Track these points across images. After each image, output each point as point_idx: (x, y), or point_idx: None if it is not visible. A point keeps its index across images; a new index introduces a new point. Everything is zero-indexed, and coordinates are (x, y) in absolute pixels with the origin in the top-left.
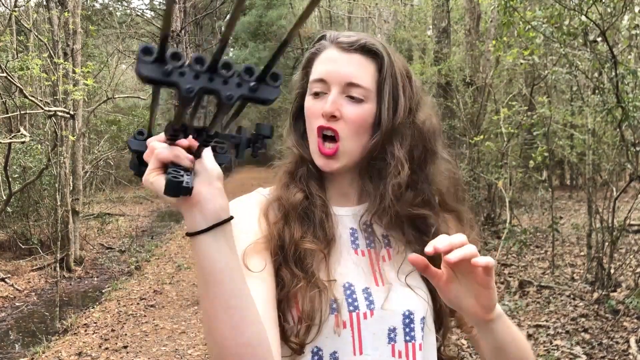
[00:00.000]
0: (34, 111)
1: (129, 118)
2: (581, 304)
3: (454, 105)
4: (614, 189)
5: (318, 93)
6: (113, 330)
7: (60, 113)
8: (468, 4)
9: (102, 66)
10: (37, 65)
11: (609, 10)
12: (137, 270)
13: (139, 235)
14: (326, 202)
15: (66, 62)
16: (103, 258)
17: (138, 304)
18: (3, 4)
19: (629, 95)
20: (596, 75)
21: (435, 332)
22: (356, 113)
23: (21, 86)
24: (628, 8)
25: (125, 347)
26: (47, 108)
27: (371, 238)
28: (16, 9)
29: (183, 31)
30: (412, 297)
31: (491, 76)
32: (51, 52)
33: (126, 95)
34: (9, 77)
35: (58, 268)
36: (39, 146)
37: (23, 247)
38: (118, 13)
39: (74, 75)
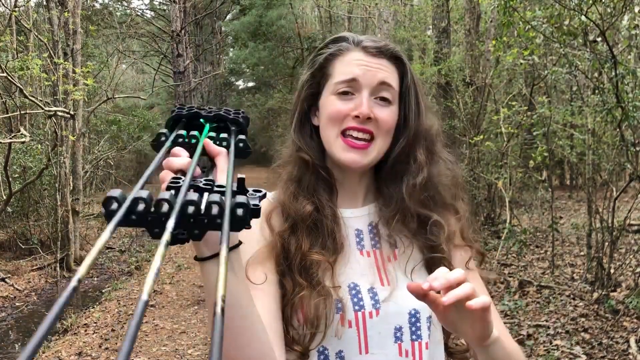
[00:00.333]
0: (34, 111)
1: (129, 118)
2: (581, 304)
3: (454, 105)
4: (614, 189)
5: (347, 92)
6: (113, 330)
7: (60, 113)
8: (468, 4)
9: (102, 66)
10: (37, 65)
11: (609, 10)
12: (137, 270)
13: (139, 235)
14: (336, 211)
15: (66, 62)
16: (103, 258)
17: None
18: (3, 4)
19: (629, 95)
20: (596, 75)
21: (441, 330)
22: (387, 115)
23: (21, 86)
24: (628, 8)
25: None
26: (47, 108)
27: (376, 239)
28: (16, 9)
29: (183, 31)
30: None
31: (491, 76)
32: (51, 52)
33: (126, 95)
34: (9, 77)
35: (58, 268)
36: (39, 146)
37: (23, 247)
38: (118, 13)
39: (74, 75)
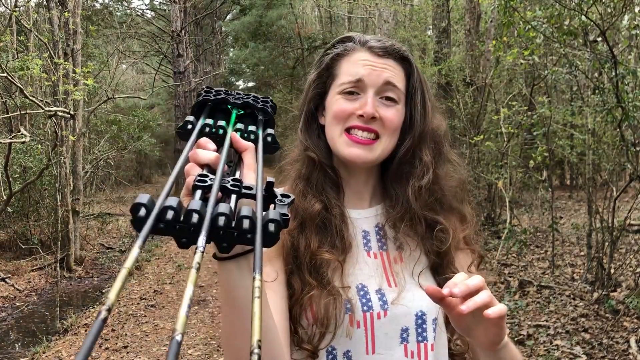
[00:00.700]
0: (34, 111)
1: (129, 118)
2: (581, 304)
3: (454, 105)
4: (614, 189)
5: (352, 92)
6: (113, 330)
7: (60, 113)
8: (468, 4)
9: (102, 66)
10: (38, 65)
11: (609, 10)
12: (138, 270)
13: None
14: (344, 211)
15: (66, 62)
16: (103, 258)
17: (138, 304)
18: (3, 4)
19: (629, 95)
20: (596, 75)
21: (446, 332)
22: (393, 114)
23: (21, 86)
24: (628, 8)
25: (125, 347)
26: (48, 108)
27: (383, 240)
28: (16, 9)
29: (183, 31)
30: (425, 298)
31: (491, 76)
32: (51, 52)
33: (126, 95)
34: (10, 77)
35: (58, 268)
36: (39, 146)
37: (23, 247)
38: (118, 13)
39: (74, 75)
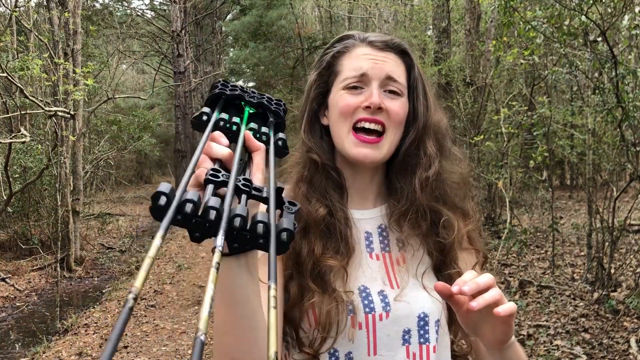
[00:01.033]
0: (35, 111)
1: (130, 118)
2: (581, 304)
3: (454, 105)
4: (614, 189)
5: (356, 87)
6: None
7: (60, 113)
8: (468, 4)
9: (103, 66)
10: (38, 65)
11: (609, 10)
12: (138, 270)
13: (139, 235)
14: (348, 214)
15: (66, 62)
16: (103, 258)
17: (138, 304)
18: (3, 4)
19: (629, 95)
20: (596, 75)
21: (449, 333)
22: (398, 106)
23: (22, 86)
24: (628, 8)
25: (125, 347)
26: (48, 108)
27: (385, 242)
28: (16, 9)
29: (183, 31)
30: (427, 300)
31: (491, 76)
32: (51, 52)
33: (126, 95)
34: (10, 77)
35: (58, 268)
36: (40, 146)
37: (23, 247)
38: (118, 13)
39: (75, 75)
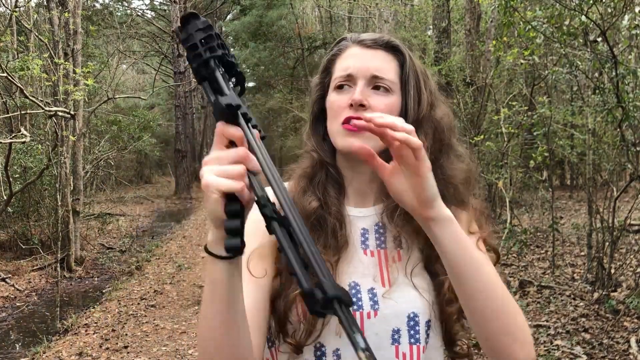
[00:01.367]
0: (35, 111)
1: (130, 118)
2: (581, 304)
3: (454, 105)
4: (615, 189)
5: (342, 86)
6: (114, 330)
7: (60, 113)
8: (468, 4)
9: (103, 66)
10: (38, 65)
11: (609, 10)
12: (138, 270)
13: (140, 235)
14: (341, 209)
15: (67, 63)
16: (103, 258)
17: (139, 304)
18: (3, 4)
19: (629, 95)
20: (596, 75)
21: (441, 335)
22: (384, 103)
23: (22, 86)
24: (628, 8)
25: (125, 347)
26: (48, 108)
27: (382, 239)
28: (17, 9)
29: None
30: (418, 300)
31: (491, 76)
32: (52, 53)
33: (127, 95)
34: (10, 78)
35: (58, 268)
36: (40, 146)
37: (24, 247)
38: (118, 13)
39: (75, 75)
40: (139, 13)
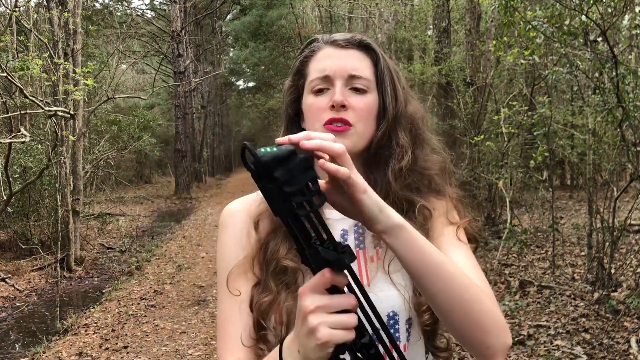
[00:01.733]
0: (35, 111)
1: (130, 118)
2: (582, 304)
3: (455, 105)
4: (615, 189)
5: (322, 89)
6: (113, 330)
7: (60, 113)
8: (468, 4)
9: (103, 66)
10: (38, 65)
11: (610, 10)
12: (138, 270)
13: (140, 235)
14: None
15: (66, 62)
16: (103, 258)
17: (138, 304)
18: (3, 4)
19: (630, 95)
20: (597, 75)
21: (421, 332)
22: (363, 102)
23: (21, 86)
24: (628, 8)
25: (125, 347)
26: (48, 108)
27: (361, 239)
28: (16, 9)
29: (183, 31)
30: (397, 298)
31: (491, 76)
32: (51, 52)
33: (126, 95)
34: (10, 77)
35: (58, 268)
36: (40, 146)
37: (23, 247)
38: (118, 13)
39: (74, 75)
40: (139, 13)
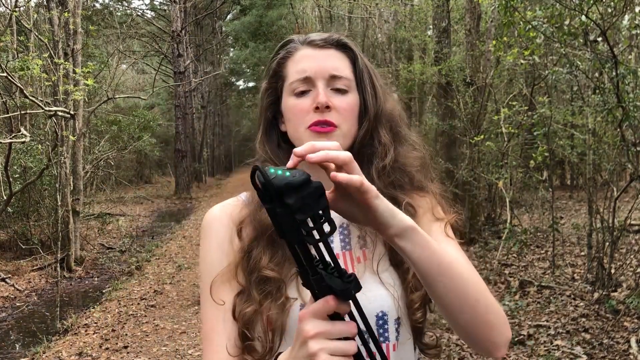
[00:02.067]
0: (35, 111)
1: (130, 118)
2: (582, 304)
3: (454, 105)
4: (615, 189)
5: (303, 91)
6: (113, 330)
7: (60, 113)
8: (468, 4)
9: (103, 66)
10: (38, 65)
11: (610, 10)
12: (138, 270)
13: (140, 235)
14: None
15: (66, 62)
16: (103, 258)
17: (138, 304)
18: (3, 4)
19: (630, 95)
20: (597, 75)
21: (410, 330)
22: (346, 102)
23: (22, 86)
24: (628, 8)
25: (125, 347)
26: (48, 108)
27: (347, 240)
28: (16, 9)
29: (183, 31)
30: (386, 298)
31: (491, 76)
32: (51, 52)
33: (126, 95)
34: (10, 77)
35: (58, 268)
36: (40, 146)
37: (24, 247)
38: (118, 13)
39: (75, 75)
40: (139, 13)
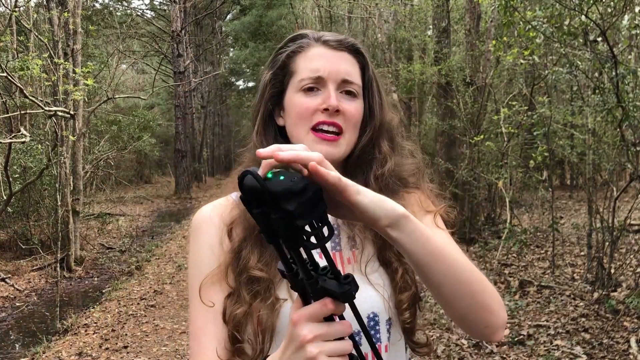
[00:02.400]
0: (34, 111)
1: (129, 118)
2: (581, 304)
3: (454, 105)
4: (614, 189)
5: (312, 88)
6: (113, 330)
7: (60, 113)
8: (468, 4)
9: (103, 66)
10: (38, 65)
11: (609, 10)
12: (138, 270)
13: (140, 235)
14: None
15: (66, 62)
16: (103, 258)
17: (138, 304)
18: (3, 4)
19: (629, 95)
20: (596, 75)
21: (401, 330)
22: (354, 108)
23: (21, 86)
24: (628, 8)
25: (125, 347)
26: (48, 108)
27: (337, 241)
28: (16, 9)
29: (183, 31)
30: (377, 299)
31: (491, 76)
32: (51, 52)
33: (126, 95)
34: (10, 77)
35: (58, 268)
36: (39, 146)
37: (23, 247)
38: (118, 13)
39: (74, 75)
40: (139, 13)
